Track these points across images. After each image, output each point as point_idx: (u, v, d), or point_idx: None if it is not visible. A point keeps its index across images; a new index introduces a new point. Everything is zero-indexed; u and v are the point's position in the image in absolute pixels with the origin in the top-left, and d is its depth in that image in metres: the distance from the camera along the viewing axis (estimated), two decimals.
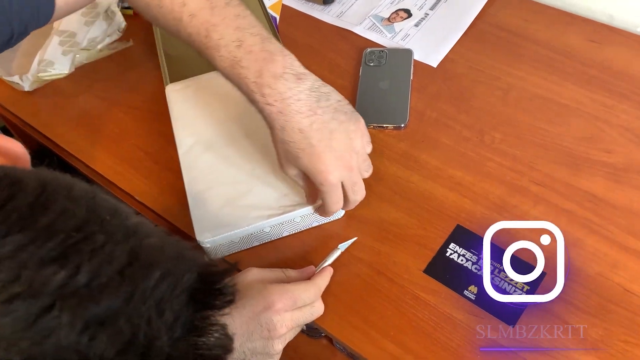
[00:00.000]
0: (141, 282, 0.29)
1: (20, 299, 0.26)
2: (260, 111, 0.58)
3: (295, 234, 0.69)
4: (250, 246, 0.68)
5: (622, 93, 0.75)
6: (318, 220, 0.68)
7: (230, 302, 0.33)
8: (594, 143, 0.71)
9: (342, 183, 0.60)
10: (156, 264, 0.30)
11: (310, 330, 1.02)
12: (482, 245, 0.64)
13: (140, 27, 0.94)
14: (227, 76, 0.59)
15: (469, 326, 0.59)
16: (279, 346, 0.57)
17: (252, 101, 0.58)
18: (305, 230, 0.69)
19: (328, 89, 0.60)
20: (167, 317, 0.29)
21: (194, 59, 0.86)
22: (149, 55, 0.90)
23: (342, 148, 0.58)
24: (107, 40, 0.90)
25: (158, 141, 0.78)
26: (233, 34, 0.57)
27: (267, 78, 0.55)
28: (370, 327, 0.60)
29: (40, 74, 0.84)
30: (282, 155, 0.60)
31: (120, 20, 0.90)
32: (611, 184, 0.67)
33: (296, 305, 0.57)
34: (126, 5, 0.95)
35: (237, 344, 0.54)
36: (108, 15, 0.86)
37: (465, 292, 0.61)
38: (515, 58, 0.81)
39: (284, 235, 0.69)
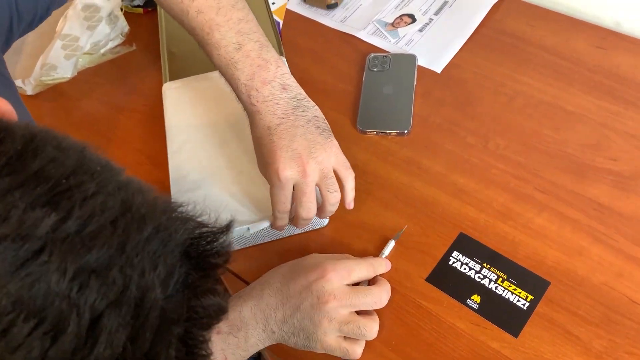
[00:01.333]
0: (134, 234, 0.29)
1: (9, 240, 0.26)
2: (245, 109, 0.63)
3: (283, 238, 0.68)
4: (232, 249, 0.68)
5: (628, 100, 0.74)
6: (301, 229, 0.67)
7: (226, 262, 0.33)
8: (600, 150, 0.70)
9: (294, 188, 0.60)
10: (149, 217, 0.30)
11: None
12: (485, 253, 0.63)
13: (143, 32, 0.94)
14: (222, 73, 0.63)
15: (472, 336, 0.58)
16: (324, 323, 0.54)
17: (240, 100, 0.62)
18: (293, 235, 0.68)
19: (310, 103, 0.63)
20: (160, 271, 0.29)
21: (195, 58, 0.87)
22: (152, 60, 0.90)
23: (300, 151, 0.59)
24: (110, 45, 0.90)
25: (159, 145, 0.78)
26: (234, 36, 0.61)
27: (256, 82, 0.60)
28: None
29: (42, 78, 0.84)
30: (256, 153, 0.63)
31: (123, 24, 0.90)
32: (617, 191, 0.66)
33: (350, 277, 0.57)
34: (136, 3, 0.95)
35: (287, 313, 0.55)
36: (111, 19, 0.86)
37: (468, 302, 0.60)
38: (520, 64, 0.80)
39: (265, 240, 0.68)
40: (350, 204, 0.64)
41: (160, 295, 0.29)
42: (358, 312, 0.57)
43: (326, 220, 0.68)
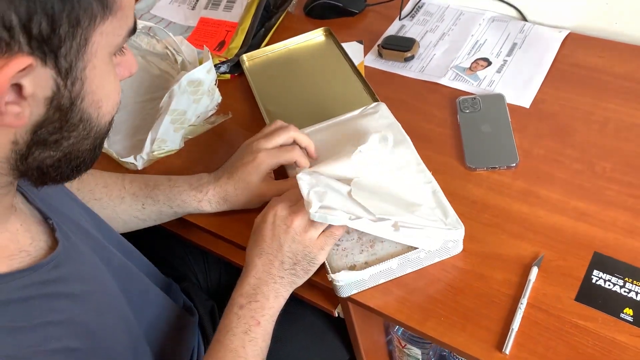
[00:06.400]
0: None
1: None
2: (208, 197, 0.78)
3: (418, 270, 0.71)
4: (377, 283, 0.71)
5: None
6: (440, 256, 0.71)
7: None
8: None
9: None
10: None
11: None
12: (624, 269, 0.67)
13: (233, 100, 0.99)
14: (170, 201, 0.78)
15: (637, 347, 0.61)
16: (304, 235, 0.66)
17: (198, 201, 0.78)
18: (427, 266, 0.72)
19: None
20: None
21: (292, 113, 0.92)
22: (244, 124, 0.94)
23: (243, 156, 0.77)
24: (209, 115, 0.95)
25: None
26: (162, 177, 0.81)
27: (194, 182, 0.79)
28: None
29: (155, 152, 0.88)
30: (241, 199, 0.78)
31: (218, 95, 0.95)
32: None
33: (292, 200, 0.69)
34: (222, 70, 1.01)
35: (279, 256, 0.67)
36: (210, 91, 0.91)
37: (622, 315, 0.64)
38: (602, 92, 0.86)
39: (407, 272, 0.71)
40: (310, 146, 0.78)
41: None
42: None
43: (461, 247, 0.71)
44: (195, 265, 1.03)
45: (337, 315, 0.82)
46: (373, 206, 0.68)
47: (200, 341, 0.85)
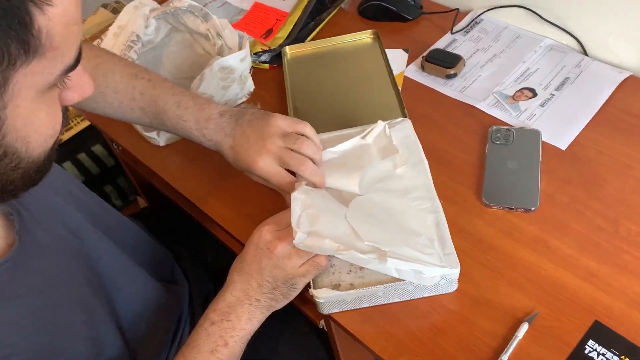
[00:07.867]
0: None
1: None
2: (210, 148, 0.77)
3: (406, 303, 0.69)
4: (360, 307, 0.69)
5: None
6: (430, 291, 0.68)
7: None
8: None
9: (278, 165, 0.73)
10: None
11: None
12: (623, 345, 0.62)
13: (266, 91, 0.99)
14: (177, 131, 0.78)
15: None
16: (286, 262, 0.64)
17: (200, 143, 0.77)
18: (415, 299, 0.69)
19: (243, 110, 0.76)
20: None
21: (318, 115, 0.91)
22: None
23: (254, 141, 0.73)
24: (237, 103, 0.94)
25: (280, 200, 0.80)
26: (172, 98, 0.77)
27: (202, 123, 0.75)
28: None
29: None
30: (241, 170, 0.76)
31: (250, 84, 0.95)
32: None
33: (277, 221, 0.67)
34: (263, 59, 1.00)
35: (258, 277, 0.65)
36: (241, 79, 0.91)
37: None
38: None
39: (394, 301, 0.69)
40: (319, 146, 0.75)
41: None
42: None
43: (455, 286, 0.68)
44: (207, 245, 1.04)
45: (321, 327, 0.81)
46: (366, 232, 0.66)
47: (187, 323, 0.86)
